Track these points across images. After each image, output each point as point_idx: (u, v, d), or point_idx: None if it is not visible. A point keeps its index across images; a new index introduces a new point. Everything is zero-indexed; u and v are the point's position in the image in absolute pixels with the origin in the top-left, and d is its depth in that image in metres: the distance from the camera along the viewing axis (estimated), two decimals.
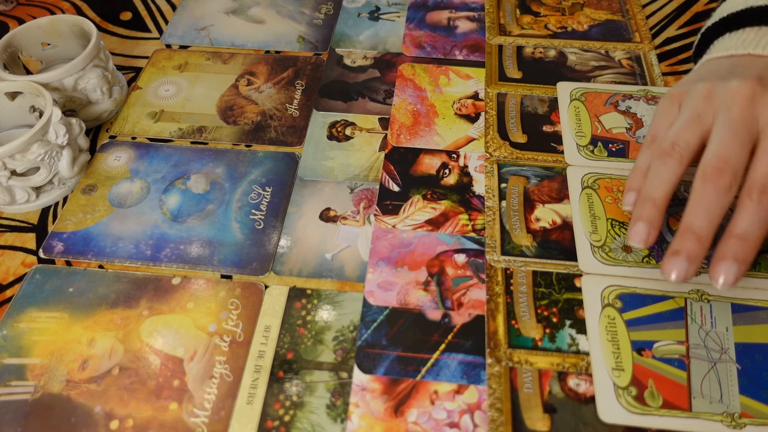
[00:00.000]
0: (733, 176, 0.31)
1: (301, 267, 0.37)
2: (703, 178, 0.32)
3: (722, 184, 0.31)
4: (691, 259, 0.31)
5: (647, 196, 0.33)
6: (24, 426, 0.31)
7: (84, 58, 0.43)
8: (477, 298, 0.35)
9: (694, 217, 0.31)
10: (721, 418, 0.30)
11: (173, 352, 0.34)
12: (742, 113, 0.32)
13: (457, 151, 0.43)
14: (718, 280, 0.31)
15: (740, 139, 0.32)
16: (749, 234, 0.31)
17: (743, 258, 0.31)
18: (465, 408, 0.31)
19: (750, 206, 0.31)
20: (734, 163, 0.31)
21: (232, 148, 0.44)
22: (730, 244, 0.31)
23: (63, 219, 0.40)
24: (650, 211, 0.33)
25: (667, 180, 0.33)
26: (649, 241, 0.33)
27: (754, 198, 0.31)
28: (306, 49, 0.52)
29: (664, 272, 0.32)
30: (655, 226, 0.33)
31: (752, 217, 0.31)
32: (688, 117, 0.34)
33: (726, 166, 0.31)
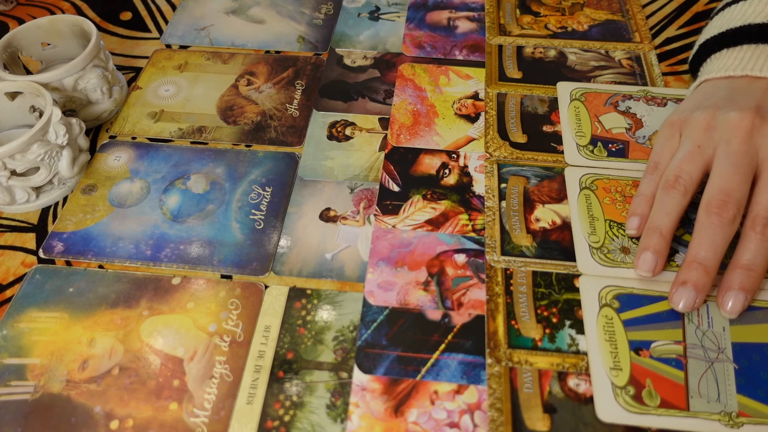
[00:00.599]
0: (736, 209, 0.32)
1: (301, 267, 0.37)
2: (708, 211, 0.33)
3: (726, 216, 0.32)
4: (698, 288, 0.33)
5: (654, 227, 0.35)
6: (24, 426, 0.31)
7: (84, 58, 0.43)
8: (477, 298, 0.35)
9: (700, 248, 0.33)
10: (719, 417, 0.30)
11: (173, 352, 0.34)
12: (741, 146, 0.34)
13: (457, 151, 0.43)
14: (727, 308, 0.33)
15: (741, 172, 0.33)
16: (754, 264, 0.32)
17: (750, 287, 0.32)
18: (465, 408, 0.31)
19: (754, 238, 0.32)
20: (737, 196, 0.33)
21: (232, 148, 0.44)
22: (737, 274, 0.33)
23: (63, 219, 0.40)
24: (657, 241, 0.34)
25: (672, 212, 0.34)
26: (657, 270, 0.34)
27: (758, 230, 0.32)
28: (306, 49, 0.52)
29: (672, 302, 0.33)
30: (662, 255, 0.34)
31: (757, 249, 0.32)
32: (689, 149, 0.35)
33: (729, 199, 0.32)
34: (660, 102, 0.45)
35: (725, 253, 0.33)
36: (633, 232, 0.36)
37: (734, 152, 0.34)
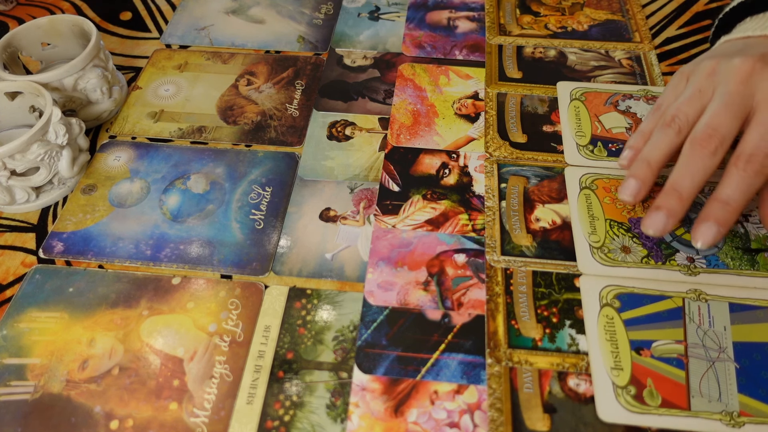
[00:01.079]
0: (719, 143, 0.33)
1: (301, 267, 0.37)
2: (692, 144, 0.34)
3: (708, 149, 0.33)
4: (670, 214, 0.34)
5: (643, 158, 0.36)
6: (24, 426, 0.31)
7: (84, 58, 0.43)
8: (477, 298, 0.35)
9: (679, 177, 0.34)
10: (720, 417, 0.30)
11: (173, 352, 0.34)
12: (738, 87, 0.34)
13: (457, 151, 0.43)
14: (698, 239, 0.33)
15: (732, 111, 0.34)
16: (732, 199, 0.33)
17: (724, 220, 0.33)
18: (465, 408, 0.31)
19: (735, 173, 0.33)
20: (723, 132, 0.34)
21: (232, 148, 0.44)
22: (713, 207, 0.33)
23: (63, 219, 0.40)
24: (644, 170, 0.36)
25: (663, 147, 0.36)
26: (638, 196, 0.36)
27: (739, 166, 0.33)
28: (306, 49, 0.52)
29: (644, 225, 0.35)
30: (646, 184, 0.35)
31: (736, 184, 0.33)
32: (690, 92, 0.36)
33: (714, 134, 0.34)
34: None
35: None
36: (624, 162, 0.38)
37: (729, 92, 0.34)
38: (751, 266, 0.36)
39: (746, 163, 0.33)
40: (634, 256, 0.36)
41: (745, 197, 0.33)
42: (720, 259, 0.36)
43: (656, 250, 0.37)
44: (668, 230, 0.34)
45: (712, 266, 0.36)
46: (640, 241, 0.37)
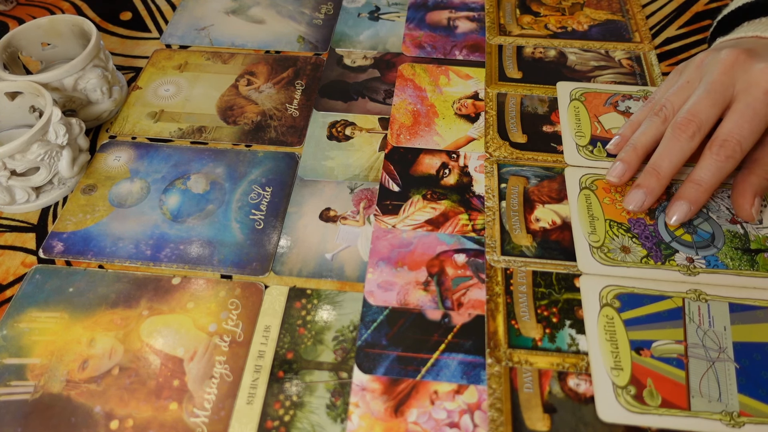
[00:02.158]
0: (697, 128, 0.36)
1: (301, 267, 0.37)
2: (672, 128, 0.37)
3: (686, 134, 0.36)
4: (649, 192, 0.37)
5: (631, 143, 0.39)
6: (24, 426, 0.31)
7: (84, 58, 0.43)
8: (477, 298, 0.35)
9: (659, 158, 0.37)
10: (720, 417, 0.30)
11: (173, 352, 0.34)
12: (720, 76, 0.36)
13: (457, 151, 0.43)
14: (671, 216, 0.37)
15: (713, 98, 0.36)
16: (703, 180, 0.36)
17: (695, 199, 0.36)
18: (465, 408, 0.31)
19: (708, 157, 0.36)
20: (702, 118, 0.36)
21: (232, 148, 0.44)
22: (687, 187, 0.36)
23: (63, 219, 0.40)
24: (630, 155, 0.38)
25: (650, 134, 0.38)
26: (624, 178, 0.38)
27: (713, 150, 0.35)
28: (306, 49, 0.52)
29: (625, 202, 0.38)
30: (632, 167, 0.38)
31: (708, 167, 0.36)
32: (680, 84, 0.39)
33: (693, 119, 0.36)
34: None
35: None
36: (612, 147, 0.41)
37: (711, 81, 0.36)
38: (751, 266, 0.36)
39: (719, 147, 0.35)
40: (634, 256, 0.36)
41: (716, 179, 0.36)
42: (720, 259, 0.36)
43: (656, 250, 0.37)
44: (646, 206, 0.37)
45: (712, 266, 0.36)
46: (640, 241, 0.37)
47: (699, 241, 0.37)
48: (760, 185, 0.37)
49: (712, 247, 0.37)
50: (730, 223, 0.38)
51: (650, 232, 0.37)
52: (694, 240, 0.37)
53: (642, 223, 0.38)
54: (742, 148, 0.35)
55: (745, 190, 0.37)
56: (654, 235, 0.37)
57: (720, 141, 0.35)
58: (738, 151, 0.35)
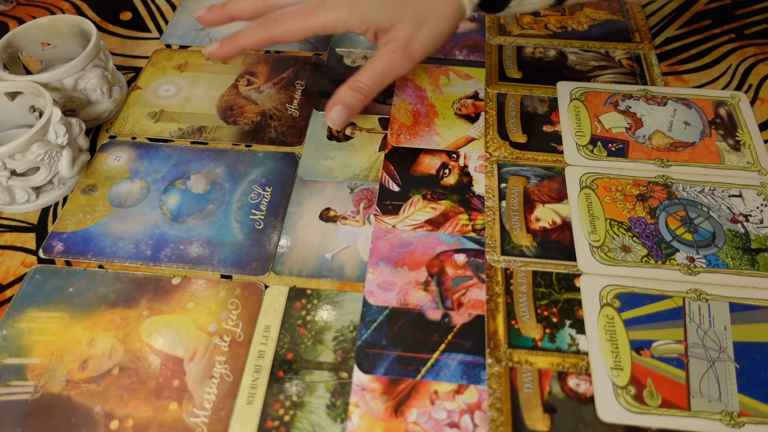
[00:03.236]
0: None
1: (301, 267, 0.37)
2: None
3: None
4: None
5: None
6: (24, 426, 0.31)
7: (84, 58, 0.43)
8: (477, 298, 0.35)
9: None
10: (720, 417, 0.30)
11: (173, 352, 0.34)
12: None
13: (457, 151, 0.43)
14: (206, 49, 0.40)
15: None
16: (240, 38, 0.40)
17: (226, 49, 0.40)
18: (465, 408, 0.31)
19: (254, 24, 0.39)
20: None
21: (232, 148, 0.44)
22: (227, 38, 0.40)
23: (63, 219, 0.40)
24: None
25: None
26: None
27: (260, 21, 0.40)
28: (306, 49, 0.52)
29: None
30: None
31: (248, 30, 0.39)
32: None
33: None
34: (660, 101, 0.45)
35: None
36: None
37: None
38: (751, 266, 0.36)
39: (264, 19, 0.39)
40: (634, 256, 0.36)
41: (248, 41, 0.40)
42: (720, 258, 0.36)
43: (656, 249, 0.37)
44: (218, 50, 0.40)
45: (713, 266, 0.36)
46: (640, 241, 0.37)
47: (699, 241, 0.37)
48: (344, 94, 0.38)
49: (712, 247, 0.37)
50: (730, 222, 0.38)
51: (651, 231, 0.37)
52: (694, 239, 0.37)
53: (643, 222, 0.38)
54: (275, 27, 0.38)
55: (332, 98, 0.39)
56: (654, 235, 0.37)
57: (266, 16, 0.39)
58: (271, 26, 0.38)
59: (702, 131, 0.43)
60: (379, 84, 0.39)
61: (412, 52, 0.38)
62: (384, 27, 0.38)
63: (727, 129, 0.43)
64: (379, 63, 0.38)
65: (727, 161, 0.41)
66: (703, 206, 0.38)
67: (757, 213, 0.38)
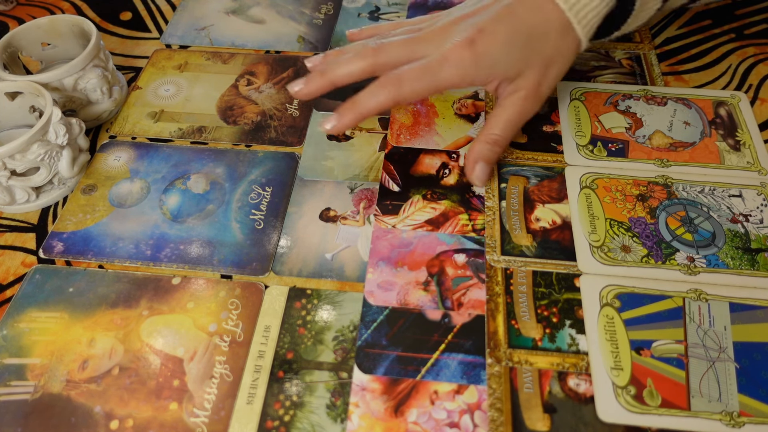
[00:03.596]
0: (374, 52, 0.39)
1: (301, 267, 0.37)
2: (361, 47, 0.40)
3: (364, 54, 0.39)
4: (307, 82, 0.39)
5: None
6: (24, 426, 0.31)
7: (84, 58, 0.43)
8: (477, 298, 0.35)
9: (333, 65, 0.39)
10: (720, 417, 0.30)
11: (173, 352, 0.34)
12: (428, 34, 0.39)
13: (457, 151, 0.43)
14: (322, 124, 0.38)
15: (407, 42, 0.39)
16: (359, 102, 0.38)
17: (343, 116, 0.38)
18: (465, 408, 0.31)
19: (373, 85, 0.38)
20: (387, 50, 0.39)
21: (232, 148, 0.44)
22: (344, 105, 0.38)
23: (63, 219, 0.40)
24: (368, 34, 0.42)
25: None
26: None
27: (380, 81, 0.38)
28: (306, 49, 0.52)
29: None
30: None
31: (368, 93, 0.38)
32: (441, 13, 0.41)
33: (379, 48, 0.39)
34: (660, 101, 0.45)
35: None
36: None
37: (423, 33, 0.39)
38: (751, 266, 0.36)
39: (385, 79, 0.37)
40: (634, 256, 0.36)
41: (371, 105, 0.38)
42: (720, 258, 0.36)
43: (656, 249, 0.37)
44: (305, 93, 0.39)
45: (712, 266, 0.36)
46: (640, 241, 0.37)
47: (699, 241, 0.37)
48: (482, 150, 0.39)
49: (712, 247, 0.37)
50: (731, 222, 0.38)
51: (651, 231, 0.37)
52: (694, 239, 0.37)
53: (642, 221, 0.38)
54: (401, 86, 0.37)
55: (469, 156, 0.39)
56: (654, 234, 0.37)
57: (389, 75, 0.37)
58: (396, 87, 0.37)
59: (702, 131, 0.43)
60: (513, 132, 0.39)
61: (541, 96, 0.38)
62: (510, 77, 0.37)
63: (727, 129, 0.43)
64: (512, 111, 0.38)
65: (727, 161, 0.41)
66: (703, 206, 0.38)
67: (757, 213, 0.38)
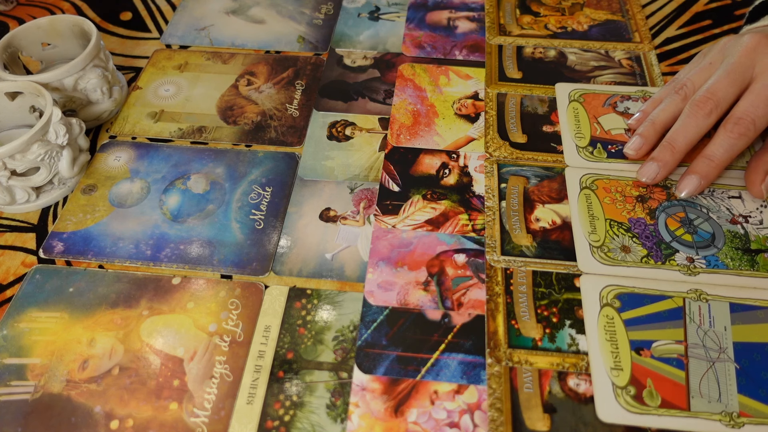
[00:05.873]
0: (714, 105, 0.37)
1: (301, 267, 0.37)
2: (690, 105, 0.38)
3: (703, 111, 0.37)
4: (663, 165, 0.39)
5: (650, 119, 0.40)
6: (24, 426, 0.31)
7: (84, 58, 0.43)
8: (477, 298, 0.35)
9: (674, 133, 0.39)
10: (720, 418, 0.30)
11: (173, 352, 0.34)
12: (740, 58, 0.38)
13: (457, 151, 0.43)
14: (682, 190, 0.38)
15: (732, 79, 0.38)
16: (715, 156, 0.37)
17: (705, 174, 0.38)
18: (465, 408, 0.31)
19: (722, 134, 0.37)
20: (720, 96, 0.37)
21: (232, 148, 0.44)
22: (699, 162, 0.38)
23: (63, 219, 0.40)
24: (649, 129, 0.40)
25: (669, 111, 0.40)
26: (641, 152, 0.40)
27: (727, 128, 0.37)
28: (306, 49, 0.52)
29: (639, 174, 0.40)
30: (649, 142, 0.40)
31: (720, 142, 0.37)
32: (702, 65, 0.40)
33: (711, 97, 0.37)
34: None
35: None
36: (633, 122, 0.43)
37: (732, 63, 0.38)
38: (751, 266, 0.36)
39: (733, 125, 0.37)
40: (634, 256, 0.36)
41: (728, 155, 0.37)
42: (720, 259, 0.36)
43: (656, 249, 0.37)
44: (659, 179, 0.39)
45: (712, 266, 0.36)
46: (640, 241, 0.37)
47: (699, 241, 0.37)
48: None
49: (712, 247, 0.37)
50: (730, 223, 0.38)
51: (650, 231, 0.37)
52: (694, 240, 0.37)
53: (642, 222, 0.38)
54: (756, 127, 0.36)
55: (758, 166, 0.38)
56: (654, 235, 0.37)
57: (735, 119, 0.37)
58: (752, 129, 0.36)
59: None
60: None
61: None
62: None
63: None
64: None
65: None
66: (703, 207, 0.38)
67: (757, 214, 0.38)
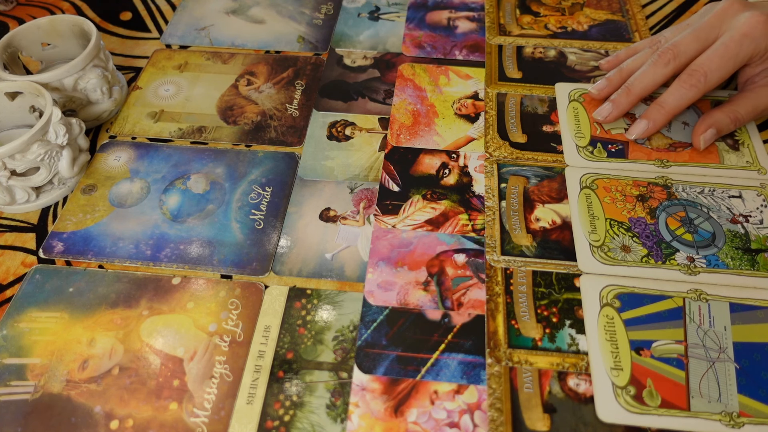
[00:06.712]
0: (673, 56, 0.40)
1: (301, 267, 0.37)
2: (653, 56, 0.41)
3: (662, 60, 0.40)
4: (616, 106, 0.42)
5: (618, 67, 0.44)
6: (24, 426, 0.31)
7: (84, 58, 0.43)
8: (477, 298, 0.35)
9: (634, 80, 0.41)
10: (720, 417, 0.30)
11: (173, 352, 0.34)
12: (711, 19, 0.40)
13: (457, 151, 0.43)
14: (632, 132, 0.42)
15: (697, 35, 0.40)
16: (666, 102, 0.40)
17: (654, 119, 0.41)
18: (465, 408, 0.31)
19: (676, 84, 0.40)
20: (681, 50, 0.40)
21: (232, 148, 0.44)
22: (651, 108, 0.41)
23: (63, 219, 0.40)
24: (615, 76, 0.43)
25: (639, 61, 0.43)
26: (602, 93, 0.44)
27: (682, 78, 0.40)
28: (306, 49, 0.52)
29: (595, 113, 0.43)
30: (612, 85, 0.43)
31: (672, 91, 0.40)
32: (680, 25, 0.43)
33: (672, 49, 0.40)
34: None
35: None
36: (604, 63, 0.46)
37: (703, 23, 0.40)
38: (751, 266, 0.36)
39: (688, 76, 0.39)
40: (634, 256, 0.36)
41: (678, 103, 0.40)
42: (720, 259, 0.36)
43: (656, 249, 0.37)
44: (611, 119, 0.42)
45: (713, 266, 0.36)
46: (640, 241, 0.37)
47: (699, 241, 0.37)
48: (721, 120, 0.40)
49: (712, 247, 0.37)
50: (730, 222, 0.38)
51: (651, 231, 0.37)
52: (694, 239, 0.37)
53: (642, 222, 0.38)
54: (707, 79, 0.39)
55: (705, 119, 0.41)
56: (654, 235, 0.37)
57: (689, 71, 0.39)
58: (702, 81, 0.39)
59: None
60: (751, 119, 0.42)
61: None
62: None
63: None
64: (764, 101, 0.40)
65: (727, 161, 0.41)
66: (703, 207, 0.38)
67: (757, 213, 0.38)
